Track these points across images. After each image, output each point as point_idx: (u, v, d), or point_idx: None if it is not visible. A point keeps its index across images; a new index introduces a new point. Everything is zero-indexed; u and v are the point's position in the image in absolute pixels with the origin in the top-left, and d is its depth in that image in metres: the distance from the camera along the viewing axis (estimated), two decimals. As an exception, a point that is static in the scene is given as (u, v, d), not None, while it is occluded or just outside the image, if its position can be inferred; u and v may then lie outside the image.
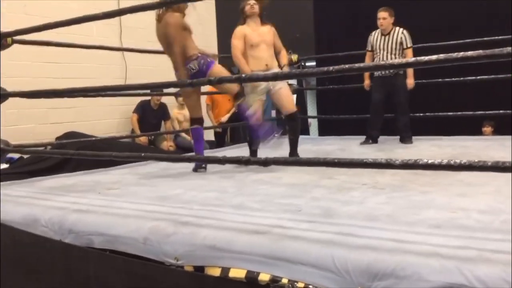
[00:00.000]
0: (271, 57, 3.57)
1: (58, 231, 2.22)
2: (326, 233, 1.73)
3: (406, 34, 4.57)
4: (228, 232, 1.85)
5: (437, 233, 1.69)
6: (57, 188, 2.98)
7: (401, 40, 4.56)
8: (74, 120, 5.65)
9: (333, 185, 2.67)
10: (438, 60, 1.60)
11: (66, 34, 4.28)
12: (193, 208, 2.26)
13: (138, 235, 1.96)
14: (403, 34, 4.57)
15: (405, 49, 4.56)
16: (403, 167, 1.63)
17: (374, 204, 2.19)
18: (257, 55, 3.51)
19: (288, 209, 2.15)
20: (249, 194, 2.56)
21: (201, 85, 2.57)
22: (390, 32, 4.61)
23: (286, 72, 2.35)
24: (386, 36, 4.62)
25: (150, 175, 3.33)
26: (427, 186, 2.50)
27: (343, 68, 1.81)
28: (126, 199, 2.55)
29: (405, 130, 4.67)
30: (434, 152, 3.84)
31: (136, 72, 6.21)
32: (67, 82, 5.13)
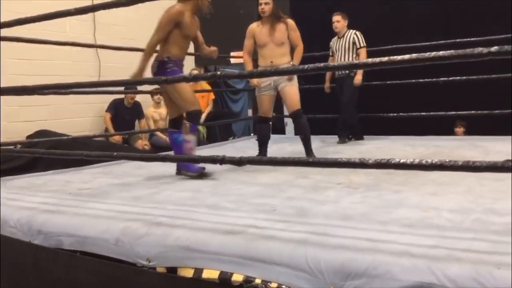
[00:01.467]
0: (279, 55, 3.68)
1: (27, 232, 2.17)
2: (300, 233, 1.73)
3: (358, 34, 4.84)
4: (202, 233, 1.83)
5: (409, 232, 1.71)
6: (26, 188, 2.91)
7: (353, 41, 4.81)
8: (46, 118, 5.52)
9: (308, 185, 2.68)
10: (411, 59, 1.61)
11: (39, 30, 4.18)
12: (166, 208, 2.24)
13: (110, 236, 1.93)
14: (356, 35, 4.83)
15: (358, 49, 4.81)
16: (377, 167, 1.64)
17: (348, 203, 2.20)
18: (263, 53, 3.72)
19: (263, 209, 2.14)
20: (224, 193, 2.54)
21: (176, 82, 2.54)
22: (344, 34, 4.89)
23: (261, 70, 2.33)
24: (341, 38, 4.90)
25: (123, 175, 3.28)
26: (400, 185, 2.53)
27: (318, 67, 1.82)
28: (98, 199, 2.50)
29: (341, 128, 4.92)
30: (407, 152, 3.89)
31: (110, 69, 6.10)
32: (39, 79, 4.99)
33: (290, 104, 3.72)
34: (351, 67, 1.70)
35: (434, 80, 4.74)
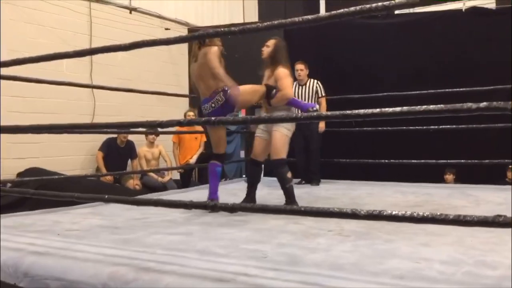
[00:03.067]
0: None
1: (13, 274, 2.12)
2: (291, 282, 1.72)
3: (320, 84, 5.12)
4: (191, 279, 1.80)
5: (400, 284, 1.70)
6: (14, 228, 2.86)
7: (316, 89, 5.11)
8: (38, 156, 5.51)
9: (299, 231, 2.66)
10: (402, 112, 1.66)
11: (36, 69, 4.23)
12: (156, 252, 2.21)
13: (97, 281, 1.89)
14: (318, 84, 5.10)
15: (320, 97, 5.09)
16: (368, 218, 1.65)
17: (339, 252, 2.19)
18: None
19: (253, 256, 2.12)
20: (215, 238, 2.52)
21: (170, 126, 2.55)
22: (306, 82, 5.10)
23: (255, 117, 2.37)
24: (303, 86, 5.11)
25: (113, 215, 3.25)
26: (391, 234, 2.52)
27: (311, 116, 1.86)
28: (86, 241, 2.46)
29: (315, 172, 5.12)
30: (397, 199, 3.90)
31: (104, 108, 6.15)
32: (33, 116, 5.04)
33: (272, 151, 3.57)
34: (344, 117, 1.74)
35: (424, 128, 4.82)
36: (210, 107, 3.38)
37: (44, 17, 5.72)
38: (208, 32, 2.28)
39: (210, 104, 3.38)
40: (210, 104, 3.38)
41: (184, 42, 2.84)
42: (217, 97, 3.36)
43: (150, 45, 2.21)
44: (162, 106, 6.88)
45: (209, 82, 3.38)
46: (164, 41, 2.36)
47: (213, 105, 3.37)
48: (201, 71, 3.40)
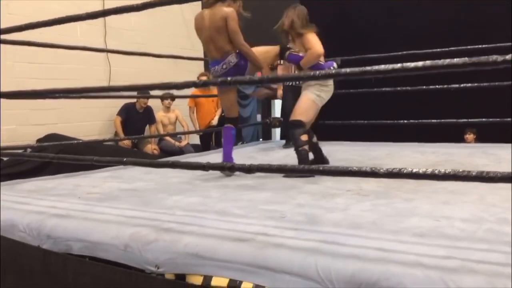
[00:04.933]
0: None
1: (36, 237, 2.17)
2: (310, 241, 1.72)
3: None
4: (210, 240, 1.82)
5: (421, 242, 1.69)
6: (36, 192, 2.92)
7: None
8: (56, 122, 5.56)
9: (318, 191, 2.66)
10: (424, 67, 1.60)
11: (50, 35, 4.22)
12: (175, 214, 2.23)
13: (119, 242, 1.92)
14: None
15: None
16: (388, 176, 1.62)
17: (358, 211, 2.18)
18: None
19: (272, 216, 2.12)
20: (233, 199, 2.53)
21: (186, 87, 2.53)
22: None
23: (272, 76, 2.33)
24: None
25: (132, 179, 3.28)
26: (411, 193, 2.50)
27: (330, 74, 1.81)
28: (107, 204, 2.50)
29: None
30: (417, 159, 3.86)
31: (120, 74, 6.15)
32: (49, 83, 5.05)
33: (293, 111, 3.43)
34: (363, 73, 1.68)
35: (445, 87, 4.70)
36: (221, 69, 3.27)
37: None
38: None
39: (222, 66, 3.26)
40: (221, 66, 3.26)
41: (198, 1, 2.76)
42: (230, 58, 3.24)
43: (163, 4, 2.16)
44: (177, 70, 6.82)
45: (223, 45, 3.24)
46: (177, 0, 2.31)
47: (224, 66, 3.25)
48: (216, 34, 3.23)
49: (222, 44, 3.23)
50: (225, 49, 3.24)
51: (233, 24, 3.16)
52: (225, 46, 3.23)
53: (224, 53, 3.24)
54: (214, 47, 3.27)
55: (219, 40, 3.23)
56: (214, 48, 3.28)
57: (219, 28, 3.20)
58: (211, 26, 3.23)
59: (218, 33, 3.21)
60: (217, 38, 3.23)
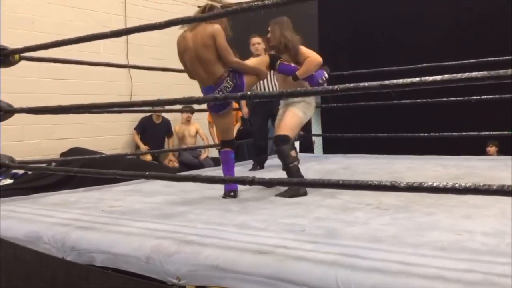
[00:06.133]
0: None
1: (60, 249, 2.22)
2: (330, 254, 1.72)
3: None
4: (231, 252, 1.84)
5: (442, 255, 1.68)
6: (60, 205, 2.98)
7: None
8: (79, 136, 5.68)
9: (337, 205, 2.66)
10: (443, 80, 1.60)
11: (74, 51, 4.33)
12: (196, 226, 2.26)
13: (141, 254, 1.96)
14: None
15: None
16: (408, 190, 1.62)
17: (378, 225, 2.17)
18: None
19: (292, 229, 2.13)
20: (253, 213, 2.55)
21: (205, 102, 2.58)
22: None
23: (291, 91, 2.36)
24: None
25: (153, 193, 3.33)
26: (431, 207, 2.48)
27: (349, 87, 1.82)
28: (129, 216, 2.54)
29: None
30: (439, 173, 3.82)
31: (142, 88, 6.26)
32: (73, 98, 5.16)
33: (278, 126, 3.33)
34: (382, 87, 1.70)
35: (466, 99, 4.66)
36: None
37: (80, 1, 5.82)
38: (241, 7, 2.26)
39: (217, 93, 2.96)
40: (216, 92, 2.96)
41: (218, 18, 2.81)
42: (225, 84, 2.97)
43: (185, 22, 2.22)
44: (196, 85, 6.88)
45: (213, 68, 2.94)
46: (199, 18, 2.36)
47: (220, 93, 2.95)
48: (203, 54, 2.92)
49: (211, 66, 2.95)
50: (216, 73, 2.96)
51: (221, 40, 2.90)
52: (216, 69, 2.95)
53: (217, 78, 2.96)
54: (204, 70, 2.98)
55: (207, 62, 2.94)
56: (203, 72, 2.99)
57: (206, 47, 2.90)
58: (196, 46, 2.93)
59: (205, 52, 2.92)
60: (204, 59, 2.94)
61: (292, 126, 3.27)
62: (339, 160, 4.96)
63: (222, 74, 2.96)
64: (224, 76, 2.96)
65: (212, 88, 2.98)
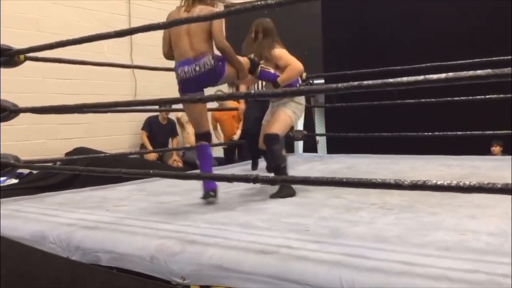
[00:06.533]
0: None
1: (66, 248, 2.22)
2: (334, 254, 1.72)
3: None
4: (235, 252, 1.84)
5: (446, 255, 1.67)
6: (65, 204, 2.99)
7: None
8: (84, 136, 5.71)
9: (341, 205, 2.66)
10: (447, 78, 1.60)
11: (78, 51, 4.34)
12: (200, 226, 2.26)
13: (145, 253, 1.96)
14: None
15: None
16: (412, 188, 1.62)
17: (382, 224, 2.17)
18: None
19: (295, 229, 2.14)
20: (256, 212, 2.55)
21: (210, 101, 2.58)
22: None
23: (294, 89, 2.36)
24: None
25: (157, 192, 3.34)
26: (436, 207, 2.48)
27: (352, 85, 1.82)
28: (134, 216, 2.55)
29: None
30: (443, 172, 3.81)
31: (146, 88, 6.27)
32: (78, 98, 5.16)
33: (268, 125, 3.26)
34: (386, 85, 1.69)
35: (470, 98, 4.65)
36: (192, 70, 2.80)
37: (84, 1, 5.83)
38: (245, 7, 2.26)
39: (193, 67, 2.79)
40: (193, 66, 2.79)
41: (221, 18, 2.81)
42: (205, 60, 2.79)
43: (189, 22, 2.22)
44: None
45: (200, 43, 2.81)
46: (202, 17, 2.37)
47: (197, 68, 2.79)
48: (195, 30, 2.80)
49: (198, 41, 2.82)
50: (200, 49, 2.81)
51: (218, 22, 2.81)
52: (201, 45, 2.81)
53: (200, 53, 2.81)
54: (189, 43, 2.82)
55: (196, 35, 2.81)
56: (188, 44, 2.83)
57: (200, 25, 2.78)
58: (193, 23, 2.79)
59: (197, 27, 2.80)
60: (195, 34, 2.81)
61: (283, 126, 3.22)
62: (343, 160, 4.96)
63: (206, 50, 2.82)
64: (207, 53, 2.81)
65: (190, 62, 2.81)
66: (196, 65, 2.78)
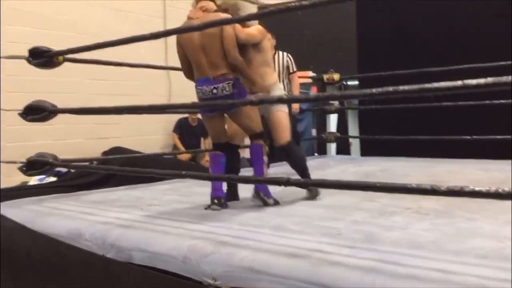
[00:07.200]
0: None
1: (101, 246, 2.28)
2: (368, 260, 1.70)
3: (291, 58, 4.46)
4: (266, 254, 1.84)
5: (483, 264, 1.62)
6: (101, 203, 3.06)
7: (287, 64, 4.43)
8: (120, 136, 5.82)
9: (374, 209, 2.62)
10: (487, 84, 1.55)
11: (115, 53, 4.42)
12: (232, 227, 2.27)
13: (178, 253, 1.99)
14: (289, 58, 4.45)
15: (291, 73, 4.45)
16: (449, 194, 1.58)
17: (417, 230, 2.13)
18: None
19: (328, 232, 2.12)
20: (288, 215, 2.54)
21: (243, 105, 2.58)
22: (273, 55, 4.24)
23: (328, 94, 2.34)
24: None
25: (190, 192, 3.37)
26: (473, 213, 2.41)
27: (387, 91, 1.78)
28: (167, 216, 2.58)
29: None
30: (480, 177, 3.71)
31: (180, 89, 6.34)
32: (114, 98, 5.29)
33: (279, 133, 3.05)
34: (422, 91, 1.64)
35: (510, 101, 4.49)
36: (209, 92, 2.72)
37: (120, 3, 5.96)
38: (279, 8, 2.26)
39: (211, 88, 2.71)
40: (211, 87, 2.71)
41: (256, 20, 2.81)
42: (224, 85, 2.70)
43: (223, 23, 2.23)
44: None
45: (217, 61, 2.70)
46: (236, 19, 2.38)
47: (214, 91, 2.70)
48: (209, 42, 2.68)
49: (215, 58, 2.71)
50: (219, 68, 2.71)
51: (229, 30, 2.68)
52: (220, 63, 2.71)
53: (220, 75, 2.71)
54: (207, 60, 2.72)
55: (212, 52, 2.70)
56: (206, 62, 2.72)
57: (213, 36, 2.66)
58: (203, 34, 2.67)
59: (212, 42, 2.68)
60: (210, 48, 2.70)
61: (286, 127, 3.08)
62: (377, 163, 4.89)
63: (227, 73, 2.71)
64: (228, 78, 2.71)
65: (209, 82, 2.71)
66: (215, 87, 2.70)
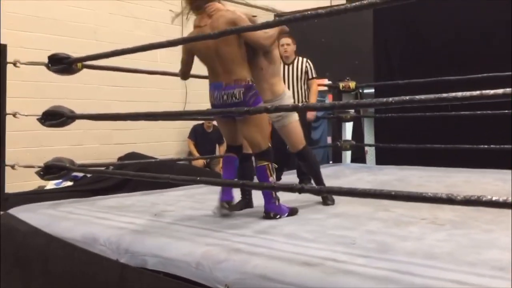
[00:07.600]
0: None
1: (115, 251, 2.29)
2: (382, 270, 1.68)
3: (311, 64, 4.35)
4: (279, 262, 1.83)
5: (500, 276, 1.60)
6: (116, 208, 3.09)
7: (306, 70, 4.31)
8: (136, 141, 5.88)
9: (389, 218, 2.59)
10: (505, 94, 1.53)
11: (132, 60, 4.48)
12: (245, 234, 2.27)
13: (191, 259, 1.99)
14: (308, 64, 4.34)
15: (310, 79, 4.33)
16: (465, 204, 1.56)
17: (433, 241, 2.10)
18: None
19: (342, 241, 2.10)
20: (302, 223, 2.53)
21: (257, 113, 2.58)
22: (293, 61, 4.32)
23: (343, 103, 2.33)
24: (289, 65, 4.29)
25: (204, 198, 3.37)
26: (490, 224, 2.37)
27: (403, 100, 1.77)
28: (181, 222, 2.59)
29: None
30: (498, 187, 3.65)
31: (196, 96, 6.39)
32: (131, 105, 5.37)
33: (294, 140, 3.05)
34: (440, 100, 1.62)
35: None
36: (220, 98, 2.62)
37: (139, 10, 6.05)
38: (295, 16, 2.26)
39: (222, 94, 2.61)
40: (222, 93, 2.61)
41: (272, 27, 2.82)
42: (235, 92, 2.57)
43: (238, 32, 2.25)
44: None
45: (233, 67, 2.59)
46: (251, 28, 2.39)
47: (224, 97, 2.60)
48: (223, 46, 2.55)
49: (230, 63, 2.59)
50: (233, 73, 2.59)
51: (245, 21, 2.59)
52: (233, 69, 2.59)
53: (233, 81, 2.58)
54: (221, 65, 2.61)
55: (226, 56, 2.58)
56: (220, 67, 2.62)
57: (226, 40, 2.52)
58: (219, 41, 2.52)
59: (225, 45, 2.55)
60: (224, 53, 2.57)
61: (301, 132, 3.07)
62: (393, 172, 4.84)
63: (239, 79, 2.58)
64: (240, 85, 2.58)
65: (221, 87, 2.61)
66: (225, 93, 2.60)
